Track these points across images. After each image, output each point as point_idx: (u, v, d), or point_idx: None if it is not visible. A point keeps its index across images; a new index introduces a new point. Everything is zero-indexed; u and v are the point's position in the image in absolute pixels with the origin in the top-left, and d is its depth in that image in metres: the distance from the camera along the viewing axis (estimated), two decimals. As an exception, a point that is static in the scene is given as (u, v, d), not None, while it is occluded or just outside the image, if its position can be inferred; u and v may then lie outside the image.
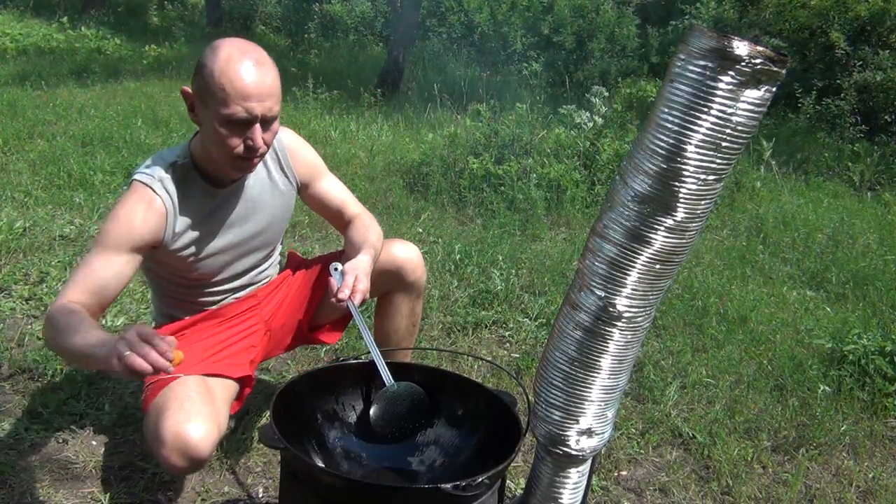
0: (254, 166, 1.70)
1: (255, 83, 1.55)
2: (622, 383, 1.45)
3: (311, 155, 1.94)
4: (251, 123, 1.58)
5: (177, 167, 1.71)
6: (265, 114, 1.59)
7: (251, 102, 1.55)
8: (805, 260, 4.07)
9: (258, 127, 1.59)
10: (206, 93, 1.56)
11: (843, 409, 2.60)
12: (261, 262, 1.96)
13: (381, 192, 4.51)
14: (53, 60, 8.02)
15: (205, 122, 1.62)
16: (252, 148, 1.61)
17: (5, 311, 2.76)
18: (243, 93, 1.54)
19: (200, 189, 1.74)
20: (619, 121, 5.26)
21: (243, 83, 1.54)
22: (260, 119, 1.59)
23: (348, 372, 1.70)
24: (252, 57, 1.58)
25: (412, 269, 2.01)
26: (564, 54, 9.61)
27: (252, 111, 1.56)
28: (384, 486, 1.54)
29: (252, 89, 1.55)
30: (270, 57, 1.65)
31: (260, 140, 1.60)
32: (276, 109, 1.61)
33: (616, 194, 1.29)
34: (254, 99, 1.56)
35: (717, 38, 1.13)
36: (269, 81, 1.59)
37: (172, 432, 1.53)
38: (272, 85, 1.59)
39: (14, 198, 3.86)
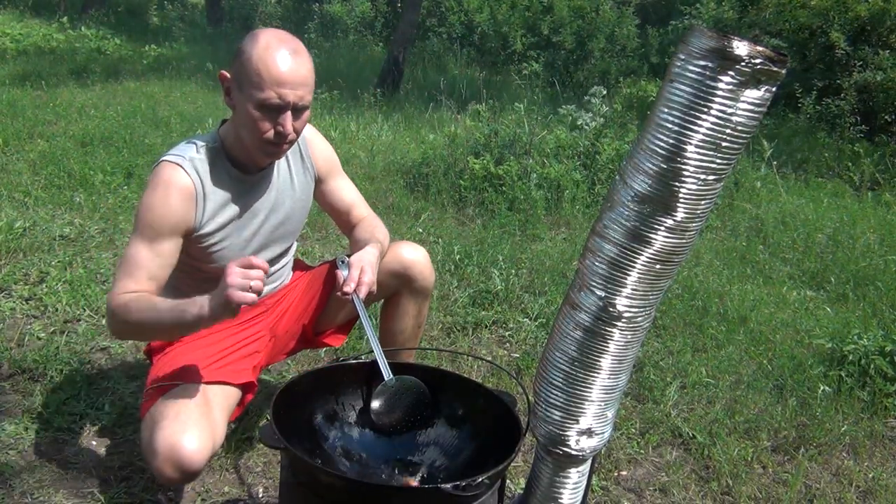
0: (282, 153, 1.75)
1: (290, 71, 1.60)
2: (622, 383, 1.45)
3: (329, 150, 1.99)
4: (283, 110, 1.62)
5: (206, 149, 1.74)
6: (297, 102, 1.63)
7: (285, 89, 1.60)
8: (805, 260, 4.07)
9: (289, 114, 1.64)
10: (243, 77, 1.61)
11: (843, 409, 2.60)
12: (278, 258, 1.96)
13: (381, 192, 4.51)
14: (53, 60, 8.02)
15: (239, 105, 1.66)
16: (282, 134, 1.65)
17: (5, 311, 2.76)
18: (278, 79, 1.59)
19: (229, 174, 1.76)
20: (619, 121, 5.26)
21: (279, 70, 1.59)
22: (291, 106, 1.63)
23: (348, 372, 1.70)
24: (289, 46, 1.62)
25: (420, 270, 2.02)
26: (564, 54, 9.61)
27: (285, 97, 1.61)
28: (384, 486, 1.54)
29: (286, 76, 1.60)
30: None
31: (290, 127, 1.65)
32: (307, 99, 1.66)
33: (616, 194, 1.29)
34: (287, 86, 1.60)
35: (717, 38, 1.13)
36: (303, 71, 1.63)
37: (167, 444, 1.53)
38: (306, 75, 1.64)
39: (14, 198, 3.86)
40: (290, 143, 1.71)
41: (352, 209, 2.01)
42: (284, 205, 1.89)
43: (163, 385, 1.72)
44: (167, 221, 1.66)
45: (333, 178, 2.00)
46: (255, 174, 1.81)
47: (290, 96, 1.61)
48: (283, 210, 1.89)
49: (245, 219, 1.82)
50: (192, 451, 1.53)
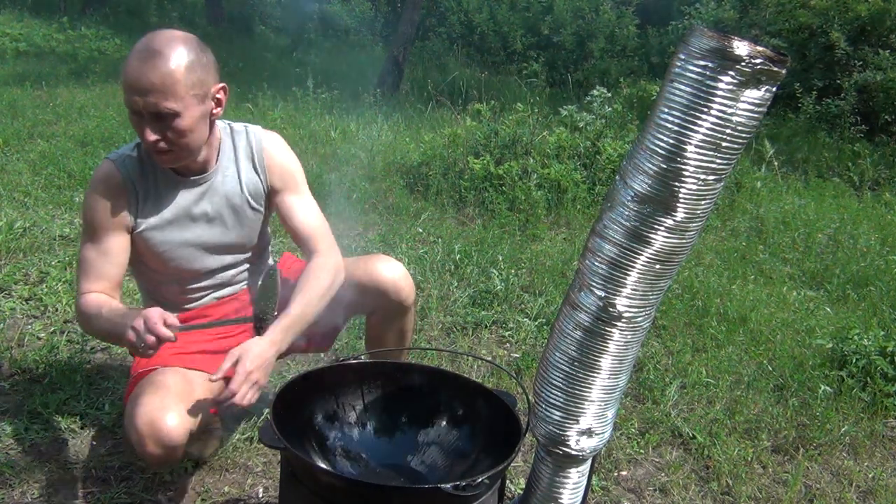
0: (165, 160, 1.66)
1: (138, 77, 1.52)
2: (622, 383, 1.45)
3: (289, 162, 1.87)
4: (140, 116, 1.56)
5: (141, 148, 1.72)
6: (149, 109, 1.54)
7: (133, 95, 1.54)
8: (805, 260, 4.07)
9: (147, 121, 1.56)
10: None
11: (844, 410, 2.60)
12: (239, 263, 1.93)
13: (381, 192, 4.51)
14: (53, 60, 8.02)
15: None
16: (147, 141, 1.58)
17: (5, 311, 2.76)
18: (128, 84, 1.54)
19: (165, 174, 1.75)
20: (619, 121, 5.26)
21: (128, 75, 1.54)
22: (146, 114, 1.55)
23: (348, 372, 1.70)
24: (146, 49, 1.54)
25: (397, 290, 1.93)
26: (564, 54, 9.61)
27: (134, 104, 1.55)
28: (384, 486, 1.54)
29: (133, 82, 1.53)
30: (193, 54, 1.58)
31: (148, 135, 1.56)
32: (164, 107, 1.54)
33: (616, 194, 1.29)
34: (136, 92, 1.53)
35: (717, 38, 1.13)
36: (152, 77, 1.52)
37: (147, 419, 1.54)
38: (159, 80, 1.52)
39: (14, 198, 3.86)
40: (165, 151, 1.61)
41: (307, 239, 1.82)
42: (230, 213, 1.82)
43: (144, 370, 1.74)
44: (104, 218, 1.69)
45: (289, 193, 1.85)
46: (190, 177, 1.76)
47: (140, 103, 1.53)
48: (229, 218, 1.83)
49: (183, 223, 1.78)
50: (171, 425, 1.54)
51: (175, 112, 1.56)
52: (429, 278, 3.31)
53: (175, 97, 1.55)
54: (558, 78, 9.19)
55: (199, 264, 1.85)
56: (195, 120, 1.61)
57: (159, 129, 1.57)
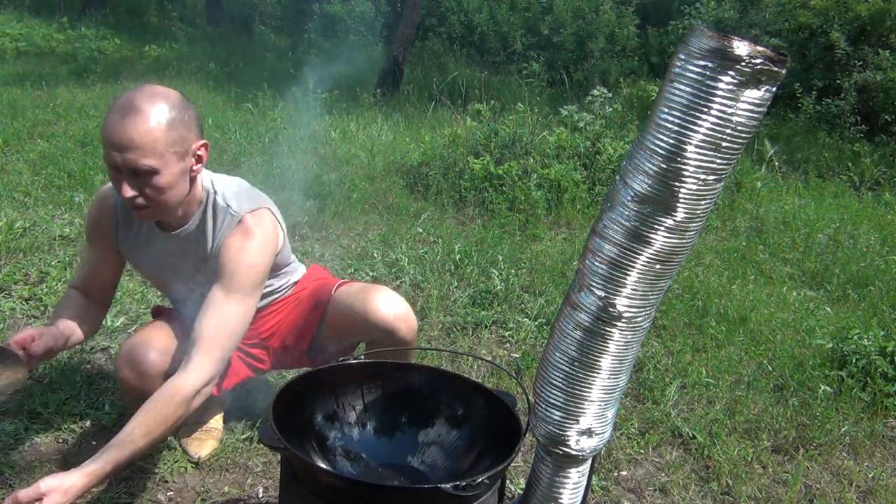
0: (142, 216, 1.68)
1: (116, 133, 1.53)
2: (622, 383, 1.45)
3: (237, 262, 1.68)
4: (117, 171, 1.57)
5: None
6: (127, 166, 1.54)
7: (112, 151, 1.54)
8: (805, 260, 4.07)
9: (124, 177, 1.57)
10: None
11: (844, 410, 2.60)
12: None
13: (381, 192, 4.51)
14: (53, 60, 8.02)
15: None
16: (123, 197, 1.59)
17: (5, 311, 2.76)
18: (106, 140, 1.55)
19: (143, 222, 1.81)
20: (619, 121, 5.26)
21: (107, 131, 1.54)
22: (124, 170, 1.55)
23: (348, 372, 1.70)
24: (126, 105, 1.54)
25: (395, 329, 1.88)
26: (564, 54, 9.61)
27: (112, 160, 1.55)
28: (384, 486, 1.54)
29: (112, 138, 1.53)
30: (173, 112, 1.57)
31: (126, 191, 1.57)
32: (142, 164, 1.54)
33: (616, 194, 1.29)
34: (113, 148, 1.54)
35: (717, 38, 1.13)
36: (131, 133, 1.52)
37: (128, 346, 1.78)
38: (137, 138, 1.52)
39: (14, 198, 3.86)
40: (143, 207, 1.61)
41: (193, 340, 1.62)
42: (200, 275, 1.79)
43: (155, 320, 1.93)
44: (92, 233, 1.87)
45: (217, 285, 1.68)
46: (166, 231, 1.77)
47: (118, 158, 1.53)
48: (200, 277, 1.80)
49: (155, 264, 1.86)
50: (146, 352, 1.74)
51: (154, 169, 1.56)
52: (429, 278, 3.31)
53: (154, 154, 1.54)
54: (558, 78, 9.18)
55: (175, 292, 1.94)
56: (175, 177, 1.61)
57: (137, 185, 1.57)
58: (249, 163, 4.60)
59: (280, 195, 4.21)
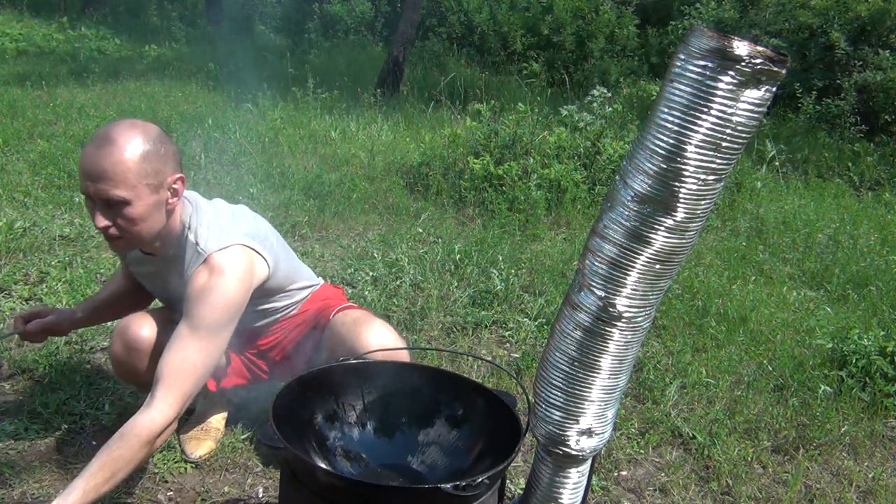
0: (115, 246, 1.69)
1: (89, 163, 1.56)
2: (622, 383, 1.45)
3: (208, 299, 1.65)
4: (90, 201, 1.61)
5: None
6: (99, 196, 1.57)
7: (86, 181, 1.58)
8: (805, 260, 4.07)
9: (97, 207, 1.60)
10: None
11: (844, 410, 2.60)
12: None
13: (381, 192, 4.51)
14: (53, 60, 8.02)
15: None
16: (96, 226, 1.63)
17: (5, 311, 2.76)
18: (81, 170, 1.58)
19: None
20: (619, 121, 5.26)
21: (82, 161, 1.58)
22: (96, 200, 1.59)
23: (348, 372, 1.70)
24: (103, 137, 1.57)
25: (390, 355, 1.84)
26: (564, 54, 9.61)
27: (86, 189, 1.59)
28: (384, 486, 1.54)
29: (85, 168, 1.57)
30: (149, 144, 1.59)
31: (99, 221, 1.60)
32: (113, 194, 1.56)
33: (616, 194, 1.29)
34: (87, 178, 1.57)
35: (717, 38, 1.13)
36: (103, 164, 1.54)
37: (121, 324, 1.86)
38: (109, 168, 1.54)
39: (14, 198, 3.86)
40: (115, 237, 1.63)
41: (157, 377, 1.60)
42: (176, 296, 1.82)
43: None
44: None
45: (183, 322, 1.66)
46: (150, 255, 1.83)
47: (90, 188, 1.57)
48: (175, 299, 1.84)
49: (147, 281, 1.97)
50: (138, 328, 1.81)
51: (125, 200, 1.58)
52: (429, 278, 3.31)
53: (126, 185, 1.56)
54: (558, 78, 9.18)
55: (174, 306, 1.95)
56: (147, 208, 1.62)
57: (110, 215, 1.60)
58: (249, 163, 4.60)
59: (280, 195, 4.22)
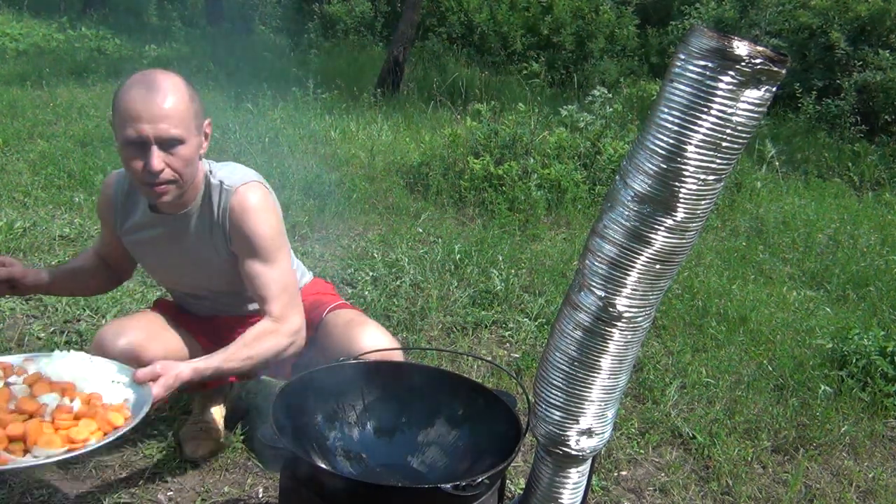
0: (161, 193, 1.66)
1: (145, 105, 1.57)
2: (622, 383, 1.45)
3: (259, 230, 1.75)
4: (146, 145, 1.59)
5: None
6: (158, 136, 1.58)
7: (141, 123, 1.57)
8: (805, 260, 4.07)
9: (154, 149, 1.59)
10: (114, 119, 1.63)
11: (844, 410, 2.60)
12: (215, 297, 1.97)
13: (381, 192, 4.51)
14: (53, 60, 8.02)
15: (118, 148, 1.66)
16: (151, 172, 1.60)
17: (5, 311, 2.76)
18: (133, 114, 1.57)
19: (142, 205, 1.83)
20: (619, 121, 5.26)
21: (133, 104, 1.58)
22: (155, 141, 1.59)
23: (348, 372, 1.70)
24: (147, 81, 1.60)
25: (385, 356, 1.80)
26: (564, 54, 9.61)
27: (141, 132, 1.57)
28: (384, 486, 1.54)
29: (141, 110, 1.57)
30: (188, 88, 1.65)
31: (156, 163, 1.59)
32: (173, 133, 1.59)
33: (616, 194, 1.29)
34: (143, 120, 1.57)
35: (717, 38, 1.13)
36: (161, 104, 1.58)
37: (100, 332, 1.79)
38: (167, 109, 1.58)
39: (14, 198, 3.86)
40: (170, 181, 1.64)
41: (260, 301, 1.77)
42: (194, 262, 1.84)
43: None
44: (99, 216, 1.95)
45: (252, 261, 1.76)
46: (162, 214, 1.80)
47: (148, 130, 1.57)
48: (191, 266, 1.86)
49: (153, 255, 1.91)
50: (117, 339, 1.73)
51: (181, 139, 1.61)
52: (429, 278, 3.31)
53: (182, 125, 1.61)
54: (558, 78, 9.19)
55: (176, 285, 1.99)
56: (195, 150, 1.66)
57: (165, 157, 1.61)
58: (249, 163, 4.59)
59: (280, 195, 4.21)
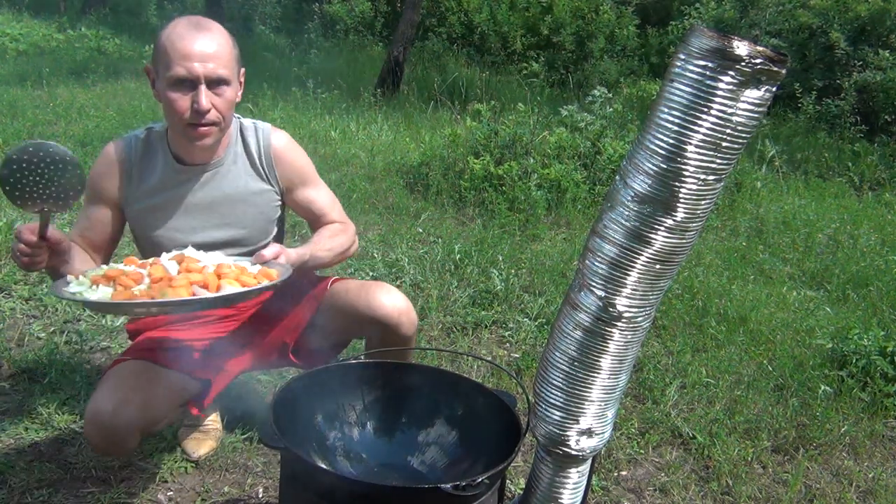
0: (203, 135, 1.69)
1: (195, 44, 1.62)
2: (622, 383, 1.45)
3: (300, 160, 1.92)
4: (195, 84, 1.63)
5: (152, 132, 1.80)
6: (208, 75, 1.63)
7: (192, 62, 1.61)
8: (805, 260, 4.07)
9: (203, 88, 1.63)
10: (158, 61, 1.66)
11: (844, 410, 2.60)
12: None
13: (381, 192, 4.51)
14: (53, 60, 8.02)
15: (160, 92, 1.68)
16: (199, 111, 1.63)
17: (5, 311, 2.76)
18: (183, 52, 1.61)
19: (165, 161, 1.79)
20: (619, 121, 5.26)
21: (183, 44, 1.62)
22: (204, 80, 1.63)
23: (348, 372, 1.70)
24: (195, 23, 1.66)
25: (397, 325, 1.86)
26: (564, 54, 9.61)
27: (192, 70, 1.61)
28: (384, 486, 1.54)
29: (192, 50, 1.61)
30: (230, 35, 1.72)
31: (204, 102, 1.63)
32: (221, 73, 1.64)
33: (616, 194, 1.29)
34: (195, 59, 1.61)
35: (717, 38, 1.13)
36: (211, 44, 1.64)
37: (92, 408, 1.63)
38: (216, 50, 1.64)
39: (14, 198, 3.86)
40: (214, 124, 1.68)
41: (321, 217, 1.95)
42: (230, 210, 1.83)
43: (119, 360, 1.79)
44: (96, 189, 1.81)
45: (304, 188, 1.92)
46: (192, 167, 1.79)
47: (199, 69, 1.61)
48: (227, 213, 1.84)
49: (179, 211, 1.81)
50: (114, 414, 1.60)
51: (227, 80, 1.66)
52: (429, 278, 3.31)
53: (228, 66, 1.67)
54: (558, 78, 9.19)
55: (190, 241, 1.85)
56: (236, 94, 1.72)
57: (211, 98, 1.65)
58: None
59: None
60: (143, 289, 1.43)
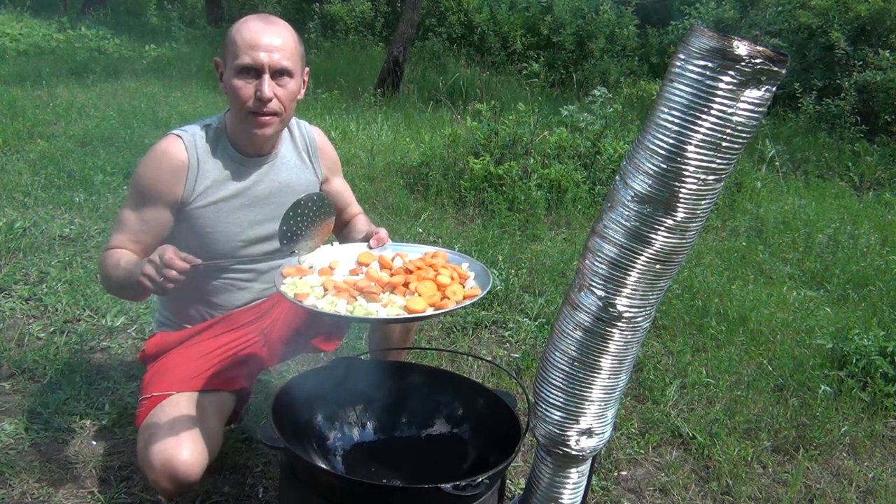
0: (264, 124, 1.72)
1: (263, 35, 1.68)
2: (622, 383, 1.45)
3: (334, 153, 2.07)
4: (259, 73, 1.68)
5: (210, 128, 1.81)
6: (273, 65, 1.68)
7: (258, 52, 1.67)
8: (805, 260, 4.07)
9: (266, 77, 1.68)
10: (226, 52, 1.72)
11: (844, 410, 2.60)
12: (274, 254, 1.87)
13: (381, 192, 4.51)
14: (53, 60, 8.02)
15: (226, 82, 1.72)
16: (262, 99, 1.67)
17: (5, 311, 2.76)
18: (250, 42, 1.67)
19: (227, 154, 1.80)
20: (619, 121, 5.26)
21: (251, 34, 1.69)
22: (269, 70, 1.68)
23: (348, 372, 1.70)
24: (264, 18, 1.75)
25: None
26: (564, 54, 9.61)
27: (257, 59, 1.67)
28: (384, 486, 1.54)
29: (259, 40, 1.68)
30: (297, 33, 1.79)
31: (267, 90, 1.67)
32: (286, 65, 1.70)
33: (616, 194, 1.29)
34: (261, 49, 1.67)
35: (717, 38, 1.13)
36: (277, 36, 1.70)
37: (162, 458, 1.56)
38: (282, 42, 1.70)
39: (14, 198, 3.86)
40: (276, 114, 1.72)
41: (348, 207, 2.10)
42: (287, 197, 1.83)
43: (157, 395, 1.72)
44: (154, 190, 1.73)
45: (336, 178, 2.07)
46: (253, 158, 1.82)
47: (265, 58, 1.66)
48: (284, 202, 1.80)
49: (241, 203, 1.81)
50: (187, 463, 1.56)
51: (291, 72, 1.72)
52: (429, 278, 3.30)
53: (292, 59, 1.72)
54: (558, 78, 9.19)
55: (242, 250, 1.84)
56: (298, 88, 1.77)
57: (274, 88, 1.69)
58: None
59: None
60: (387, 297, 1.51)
